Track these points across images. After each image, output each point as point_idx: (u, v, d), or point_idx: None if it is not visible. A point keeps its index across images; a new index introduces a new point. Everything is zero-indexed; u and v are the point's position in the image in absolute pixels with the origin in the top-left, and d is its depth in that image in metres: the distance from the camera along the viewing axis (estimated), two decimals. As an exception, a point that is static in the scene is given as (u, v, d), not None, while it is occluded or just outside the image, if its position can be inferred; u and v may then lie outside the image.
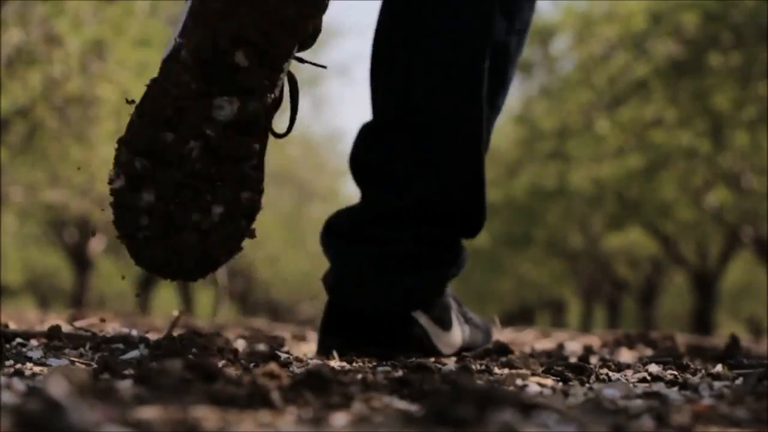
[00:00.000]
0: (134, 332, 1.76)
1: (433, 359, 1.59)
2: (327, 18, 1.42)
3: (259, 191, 1.42)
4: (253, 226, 1.45)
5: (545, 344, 2.66)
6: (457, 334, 1.68)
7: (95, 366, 1.28)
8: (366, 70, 1.65)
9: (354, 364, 1.60)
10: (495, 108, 1.62)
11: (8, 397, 0.90)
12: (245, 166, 1.40)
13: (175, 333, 1.63)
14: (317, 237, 1.74)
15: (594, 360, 1.97)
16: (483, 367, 1.51)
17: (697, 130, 8.63)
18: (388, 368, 1.44)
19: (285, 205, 16.95)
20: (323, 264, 1.70)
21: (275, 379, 1.05)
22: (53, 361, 1.41)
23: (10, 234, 14.56)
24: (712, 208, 9.98)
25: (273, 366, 1.11)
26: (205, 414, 0.87)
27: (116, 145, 1.40)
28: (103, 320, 2.15)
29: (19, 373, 1.27)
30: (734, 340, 2.09)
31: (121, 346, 1.62)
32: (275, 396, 0.95)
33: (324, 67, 1.50)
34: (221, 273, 17.65)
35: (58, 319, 3.19)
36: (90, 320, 2.25)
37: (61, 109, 7.24)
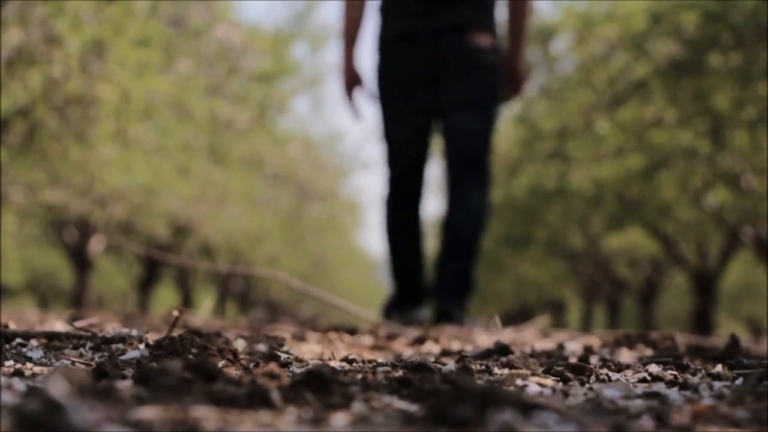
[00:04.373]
0: (134, 332, 1.76)
1: (433, 359, 1.60)
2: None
3: None
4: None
5: (545, 344, 2.66)
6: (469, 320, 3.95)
7: (95, 366, 1.28)
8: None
9: (354, 364, 1.60)
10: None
11: (8, 397, 0.90)
12: None
13: (175, 333, 1.63)
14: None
15: (594, 360, 1.97)
16: (483, 367, 1.51)
17: (697, 130, 8.62)
18: (388, 368, 1.44)
19: (285, 205, 16.94)
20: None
21: (275, 379, 1.05)
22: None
23: (10, 234, 14.55)
24: (712, 208, 9.98)
25: (273, 366, 1.11)
26: (205, 414, 0.87)
27: None
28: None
29: (19, 373, 1.27)
30: (734, 340, 2.09)
31: (121, 346, 1.62)
32: (275, 396, 0.95)
33: None
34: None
35: (58, 319, 3.19)
36: (90, 320, 2.25)
37: (61, 109, 7.23)
